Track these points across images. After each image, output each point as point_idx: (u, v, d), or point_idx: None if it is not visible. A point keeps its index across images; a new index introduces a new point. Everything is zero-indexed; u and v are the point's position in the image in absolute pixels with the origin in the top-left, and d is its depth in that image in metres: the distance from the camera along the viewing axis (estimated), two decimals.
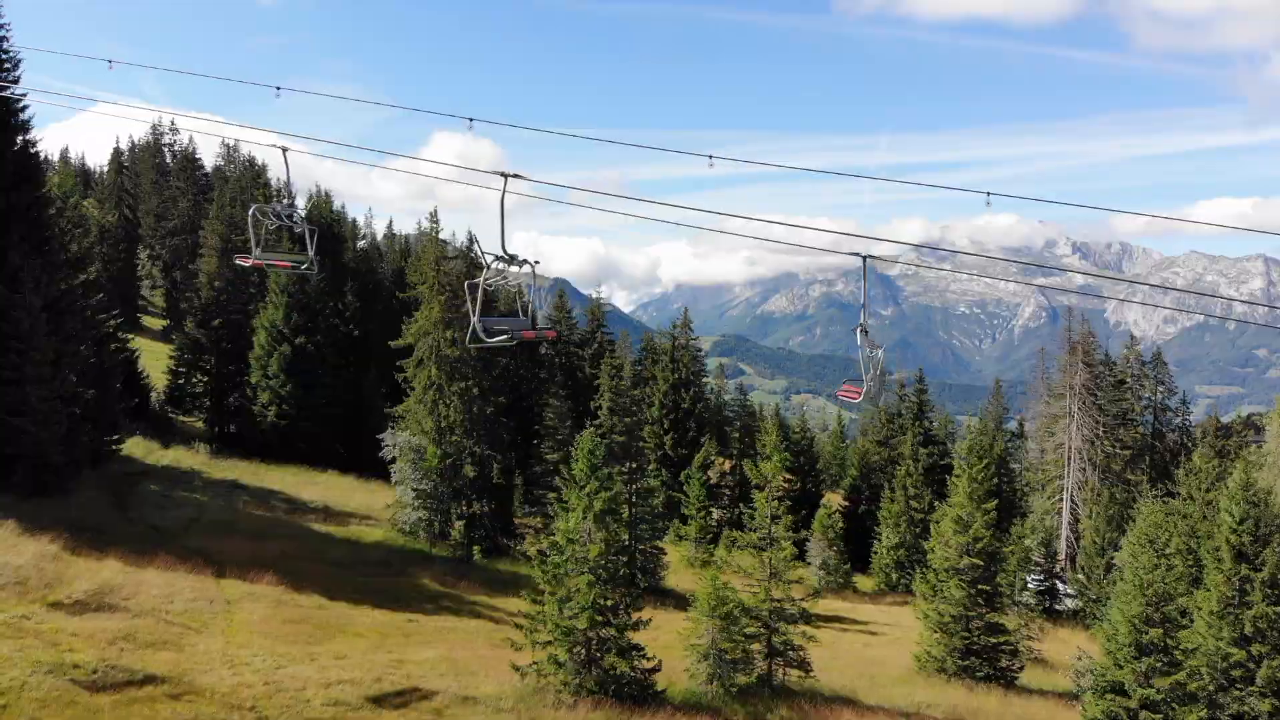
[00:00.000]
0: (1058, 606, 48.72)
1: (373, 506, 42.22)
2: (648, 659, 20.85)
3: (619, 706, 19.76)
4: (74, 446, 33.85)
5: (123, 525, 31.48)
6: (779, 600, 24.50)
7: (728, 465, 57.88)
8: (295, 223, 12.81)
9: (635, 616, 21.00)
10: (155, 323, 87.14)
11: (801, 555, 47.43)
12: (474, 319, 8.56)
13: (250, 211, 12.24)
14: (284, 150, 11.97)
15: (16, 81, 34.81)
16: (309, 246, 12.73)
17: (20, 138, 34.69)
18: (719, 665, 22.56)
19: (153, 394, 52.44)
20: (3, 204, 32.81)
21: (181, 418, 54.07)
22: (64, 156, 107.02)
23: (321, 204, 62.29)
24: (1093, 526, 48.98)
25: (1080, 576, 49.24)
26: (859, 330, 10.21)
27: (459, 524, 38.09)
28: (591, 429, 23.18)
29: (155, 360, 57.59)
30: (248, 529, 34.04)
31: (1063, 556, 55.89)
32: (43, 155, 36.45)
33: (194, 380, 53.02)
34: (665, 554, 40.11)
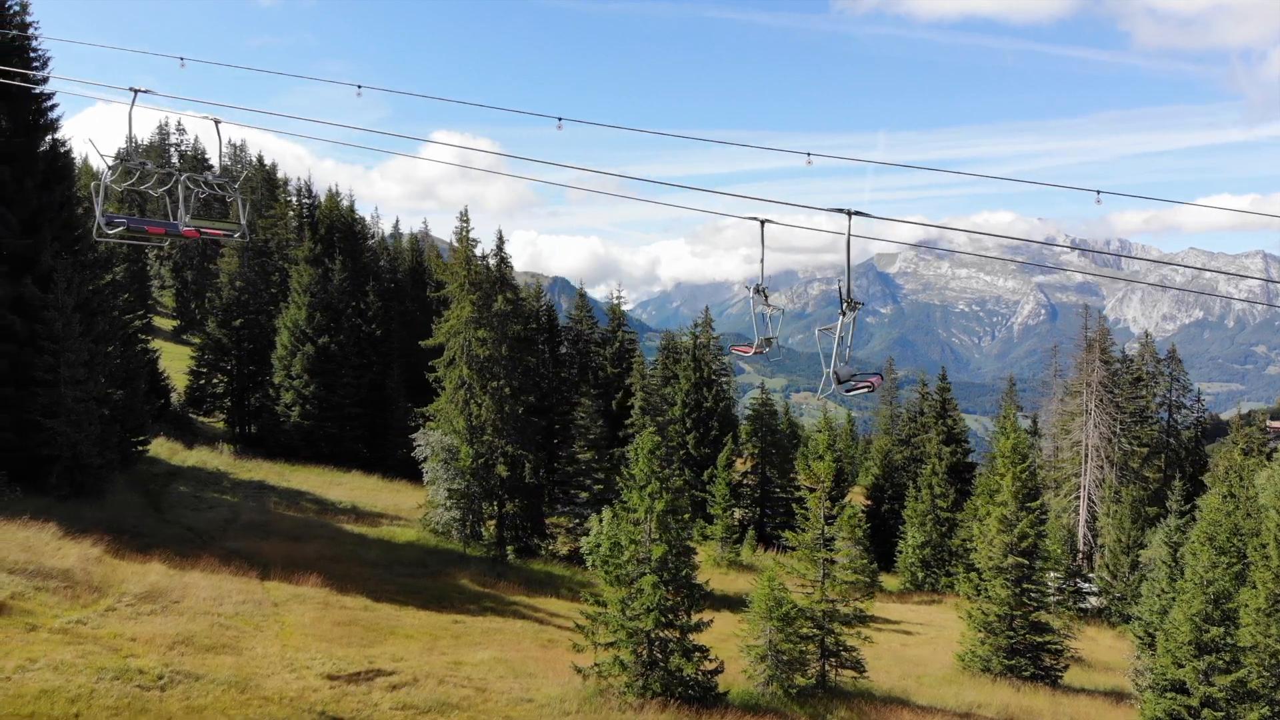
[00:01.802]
0: (1082, 605, 48.61)
1: (400, 507, 42.02)
2: (710, 660, 20.66)
3: (685, 709, 19.57)
4: (107, 448, 33.62)
5: (160, 527, 31.26)
6: (833, 601, 24.34)
7: (749, 464, 57.74)
8: (227, 192, 13.60)
9: (696, 618, 20.81)
10: (165, 323, 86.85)
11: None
12: (828, 370, 8.26)
13: (181, 179, 12.55)
14: (216, 122, 12.53)
15: (45, 80, 34.56)
16: (241, 215, 13.36)
17: (50, 137, 34.42)
18: (777, 667, 22.38)
19: (172, 394, 52.19)
20: (35, 203, 32.56)
21: (201, 418, 53.82)
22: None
23: (333, 203, 61.95)
24: (1116, 524, 48.86)
25: (1105, 575, 49.16)
26: (753, 289, 10.52)
27: (491, 524, 37.91)
28: (651, 429, 22.95)
29: (168, 361, 57.28)
30: (283, 530, 33.81)
31: (1080, 555, 55.82)
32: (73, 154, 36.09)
33: (214, 381, 52.73)
34: (696, 554, 39.88)
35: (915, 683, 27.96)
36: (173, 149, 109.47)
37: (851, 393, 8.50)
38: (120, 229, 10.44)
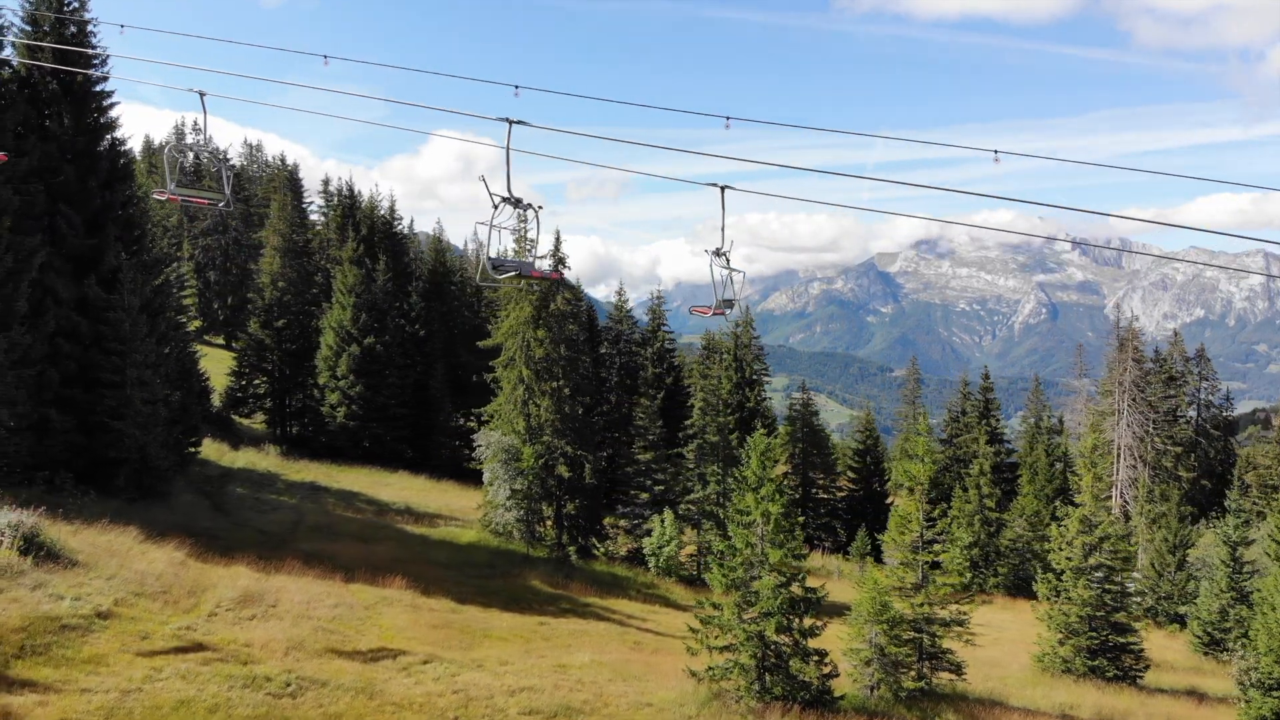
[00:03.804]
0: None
1: (453, 507, 41.77)
2: (825, 664, 20.45)
3: (807, 713, 19.35)
4: (170, 450, 33.35)
5: (231, 529, 31.00)
6: (933, 604, 24.14)
7: (789, 466, 57.53)
8: (213, 162, 14.17)
9: (810, 622, 20.59)
10: (189, 324, 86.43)
11: (879, 558, 47.22)
12: None
13: (166, 150, 12.82)
14: (201, 95, 12.68)
15: (106, 78, 34.19)
16: (224, 185, 13.81)
17: (109, 136, 34.06)
18: (884, 670, 22.18)
19: (213, 395, 51.86)
20: (99, 203, 32.25)
21: (241, 420, 53.48)
22: None
23: (372, 204, 61.57)
24: (1162, 523, 48.77)
25: (1150, 573, 49.06)
26: (712, 252, 10.99)
27: (549, 524, 37.69)
28: (762, 430, 22.67)
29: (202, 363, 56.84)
30: (349, 532, 33.56)
31: None
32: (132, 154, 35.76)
33: (256, 381, 52.41)
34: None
35: (1000, 684, 27.76)
36: (189, 150, 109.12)
37: None
38: (510, 274, 10.09)
